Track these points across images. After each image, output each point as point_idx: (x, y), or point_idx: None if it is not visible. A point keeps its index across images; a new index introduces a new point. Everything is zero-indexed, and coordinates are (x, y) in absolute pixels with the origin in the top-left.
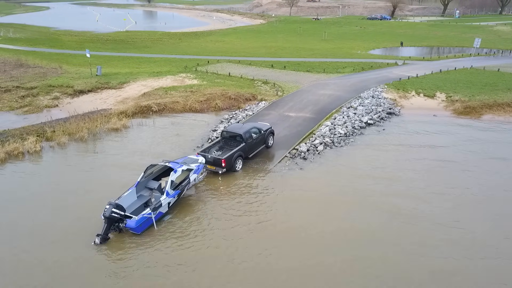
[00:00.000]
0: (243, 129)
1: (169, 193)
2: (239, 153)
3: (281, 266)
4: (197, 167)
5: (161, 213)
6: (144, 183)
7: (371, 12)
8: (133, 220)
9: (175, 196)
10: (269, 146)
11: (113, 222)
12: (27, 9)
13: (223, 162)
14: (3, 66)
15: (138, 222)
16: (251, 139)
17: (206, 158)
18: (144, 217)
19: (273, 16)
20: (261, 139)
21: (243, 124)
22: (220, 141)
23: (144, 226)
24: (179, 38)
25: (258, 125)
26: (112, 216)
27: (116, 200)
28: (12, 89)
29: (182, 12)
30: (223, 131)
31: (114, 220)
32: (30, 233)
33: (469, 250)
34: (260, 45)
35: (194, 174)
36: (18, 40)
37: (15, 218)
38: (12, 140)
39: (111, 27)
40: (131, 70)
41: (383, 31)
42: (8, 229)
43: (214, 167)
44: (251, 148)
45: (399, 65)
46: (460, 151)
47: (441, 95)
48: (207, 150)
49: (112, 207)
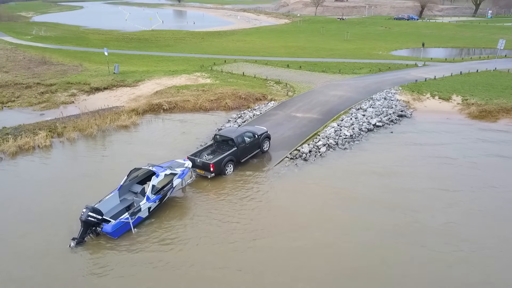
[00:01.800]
0: (235, 133)
1: (150, 197)
2: (229, 157)
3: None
4: (182, 171)
5: (140, 218)
6: (128, 186)
7: (398, 12)
8: (110, 225)
9: (156, 201)
10: (264, 151)
11: (90, 226)
12: (62, 8)
13: (212, 166)
14: (28, 63)
15: (114, 226)
16: (244, 143)
17: (195, 162)
18: (121, 221)
19: (298, 16)
20: (255, 144)
21: (237, 128)
22: (213, 145)
23: (121, 231)
24: (202, 38)
25: (253, 129)
26: (88, 220)
27: (97, 203)
28: (33, 85)
29: (209, 11)
30: (215, 134)
31: (91, 224)
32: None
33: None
34: (280, 45)
35: (178, 179)
36: (47, 38)
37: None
38: (25, 134)
39: (138, 26)
40: (149, 68)
41: (408, 32)
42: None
43: (203, 172)
44: (243, 152)
45: (418, 67)
46: (465, 157)
47: (457, 98)
48: (198, 154)
49: (89, 211)
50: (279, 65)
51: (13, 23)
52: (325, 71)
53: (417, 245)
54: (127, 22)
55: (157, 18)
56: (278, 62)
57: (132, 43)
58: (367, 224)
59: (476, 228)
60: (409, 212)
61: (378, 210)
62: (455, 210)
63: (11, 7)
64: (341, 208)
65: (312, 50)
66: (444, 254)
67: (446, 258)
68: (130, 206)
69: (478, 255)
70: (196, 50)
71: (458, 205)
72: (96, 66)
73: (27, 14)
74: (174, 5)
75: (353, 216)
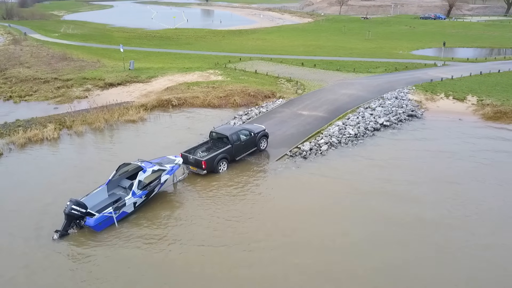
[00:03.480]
0: (230, 131)
1: (136, 193)
2: (223, 155)
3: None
4: (171, 168)
5: (125, 212)
6: (117, 181)
7: (426, 11)
8: (92, 219)
9: (142, 197)
10: (262, 149)
11: (73, 219)
12: (92, 7)
13: (204, 164)
14: (50, 59)
15: (97, 220)
16: (239, 141)
17: (188, 159)
18: (105, 215)
19: (322, 15)
20: (252, 142)
21: (233, 126)
22: (208, 142)
23: (104, 225)
24: (223, 36)
25: (250, 127)
26: (71, 213)
27: (84, 196)
28: (51, 80)
29: (235, 10)
30: (211, 132)
31: (74, 217)
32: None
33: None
34: (300, 43)
35: (166, 175)
36: (74, 36)
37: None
38: (34, 127)
39: (162, 25)
40: (164, 65)
41: (433, 31)
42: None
43: (196, 168)
44: (238, 150)
45: (437, 66)
46: (470, 161)
47: (473, 98)
48: (193, 151)
49: (72, 204)
50: (293, 63)
51: (44, 21)
52: (340, 69)
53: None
54: (152, 20)
55: (183, 16)
56: (294, 60)
57: (153, 41)
58: (361, 227)
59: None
60: (408, 213)
61: (373, 210)
62: (457, 214)
63: (46, 6)
64: (335, 208)
65: (331, 49)
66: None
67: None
68: (117, 200)
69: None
70: (215, 48)
71: (459, 210)
72: (114, 62)
73: (59, 12)
74: (201, 4)
75: (348, 217)
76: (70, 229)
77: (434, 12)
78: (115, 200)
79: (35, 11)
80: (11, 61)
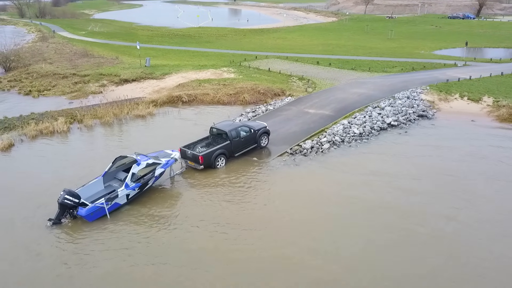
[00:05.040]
0: (229, 127)
1: (129, 185)
2: (221, 151)
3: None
4: (166, 161)
5: (118, 204)
6: (114, 173)
7: (455, 11)
8: (84, 209)
9: (135, 189)
10: (262, 146)
11: (67, 208)
12: (122, 7)
13: (201, 159)
14: (71, 56)
15: (89, 210)
16: (238, 137)
17: (186, 154)
18: (96, 206)
19: (347, 15)
20: (251, 139)
21: (232, 122)
22: (208, 137)
23: (96, 215)
24: (244, 35)
25: (251, 124)
26: (64, 203)
27: (80, 187)
28: (69, 76)
29: (261, 9)
30: (211, 127)
31: (67, 206)
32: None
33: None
34: (320, 42)
35: (161, 169)
36: (99, 33)
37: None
38: (46, 120)
39: (187, 23)
40: (180, 62)
41: (460, 31)
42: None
43: (193, 163)
44: (237, 147)
45: (457, 67)
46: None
47: (488, 99)
48: (192, 146)
49: (66, 194)
50: (309, 62)
51: (74, 19)
52: (355, 68)
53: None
54: (178, 19)
55: (208, 16)
56: (310, 59)
57: (175, 39)
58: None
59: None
60: (404, 217)
61: (368, 211)
62: (458, 221)
63: (78, 5)
64: (328, 207)
65: (351, 48)
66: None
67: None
68: (111, 192)
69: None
70: (233, 47)
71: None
72: (131, 59)
73: (89, 11)
74: (229, 4)
75: (342, 219)
76: (63, 218)
77: (463, 11)
78: (110, 192)
79: (67, 10)
80: (35, 57)
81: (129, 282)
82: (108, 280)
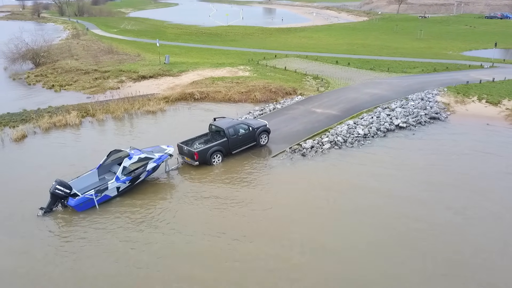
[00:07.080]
0: (227, 125)
1: (119, 178)
2: (217, 148)
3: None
4: (160, 156)
5: (108, 196)
6: (109, 166)
7: (493, 10)
8: (74, 199)
9: (126, 182)
10: (262, 144)
11: (58, 198)
12: (158, 5)
13: (196, 155)
14: (97, 52)
15: (78, 201)
16: (236, 135)
17: (183, 150)
18: (85, 197)
19: (379, 14)
20: (250, 137)
21: (232, 120)
22: (208, 134)
23: (85, 206)
24: (270, 34)
25: (250, 122)
26: (55, 192)
27: (74, 178)
28: (91, 71)
29: (293, 9)
30: (210, 124)
31: (58, 196)
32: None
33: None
34: (345, 42)
35: (153, 163)
36: (130, 31)
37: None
38: (60, 113)
39: (217, 22)
40: (199, 60)
41: (495, 31)
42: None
43: (189, 159)
44: (235, 144)
45: (483, 68)
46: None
47: (508, 102)
48: (190, 142)
49: (57, 184)
50: (328, 61)
51: (109, 18)
52: (373, 68)
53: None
54: (209, 18)
55: (239, 14)
56: (329, 58)
57: (201, 37)
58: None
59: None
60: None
61: (363, 213)
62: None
63: (116, 4)
64: (322, 208)
65: (376, 48)
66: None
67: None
68: (102, 184)
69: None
70: (256, 45)
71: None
72: (153, 56)
73: (126, 10)
74: (262, 3)
75: (335, 220)
76: (54, 207)
77: (503, 11)
78: (100, 184)
79: (104, 8)
80: (63, 53)
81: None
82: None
